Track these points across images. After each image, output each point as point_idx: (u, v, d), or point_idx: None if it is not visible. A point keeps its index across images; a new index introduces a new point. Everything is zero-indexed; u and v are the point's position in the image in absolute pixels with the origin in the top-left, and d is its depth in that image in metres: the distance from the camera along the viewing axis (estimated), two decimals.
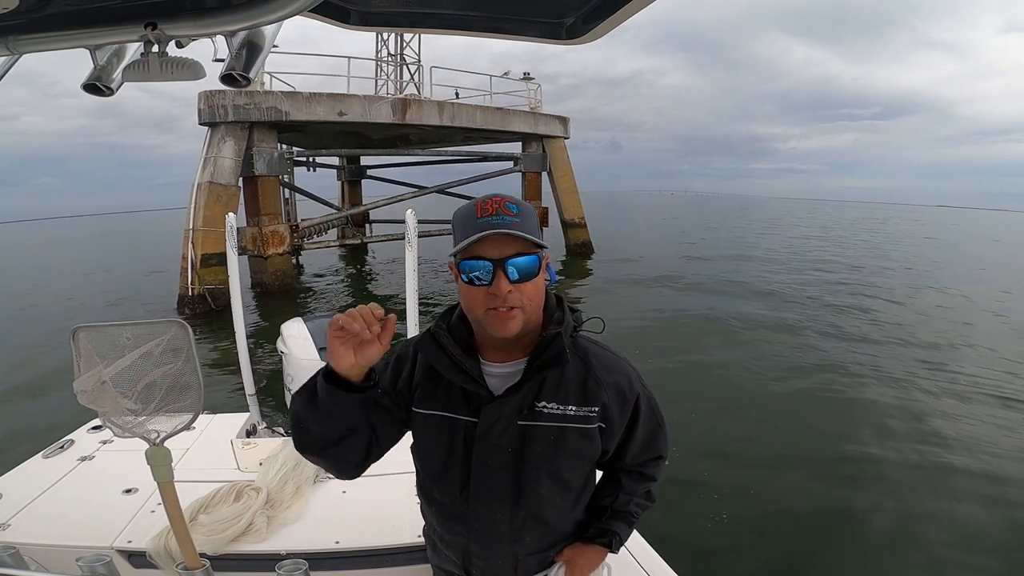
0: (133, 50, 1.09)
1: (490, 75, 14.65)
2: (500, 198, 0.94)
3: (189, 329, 1.30)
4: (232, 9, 0.88)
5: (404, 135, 14.49)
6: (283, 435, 2.54)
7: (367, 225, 18.32)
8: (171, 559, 1.54)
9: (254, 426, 2.60)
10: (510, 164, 15.56)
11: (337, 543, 1.68)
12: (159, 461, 1.30)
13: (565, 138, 15.88)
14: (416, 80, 15.05)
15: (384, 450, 1.07)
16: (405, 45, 15.29)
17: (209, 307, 9.82)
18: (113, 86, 1.07)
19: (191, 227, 10.05)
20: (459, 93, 14.08)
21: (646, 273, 14.24)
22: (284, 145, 13.89)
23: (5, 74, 1.10)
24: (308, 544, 1.67)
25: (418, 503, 1.18)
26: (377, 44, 15.41)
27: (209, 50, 1.05)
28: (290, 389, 2.58)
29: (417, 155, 16.74)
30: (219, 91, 9.97)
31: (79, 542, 1.64)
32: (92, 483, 2.04)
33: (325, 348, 2.58)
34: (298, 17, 0.89)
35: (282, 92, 10.92)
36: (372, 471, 1.08)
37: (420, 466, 1.10)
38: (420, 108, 12.42)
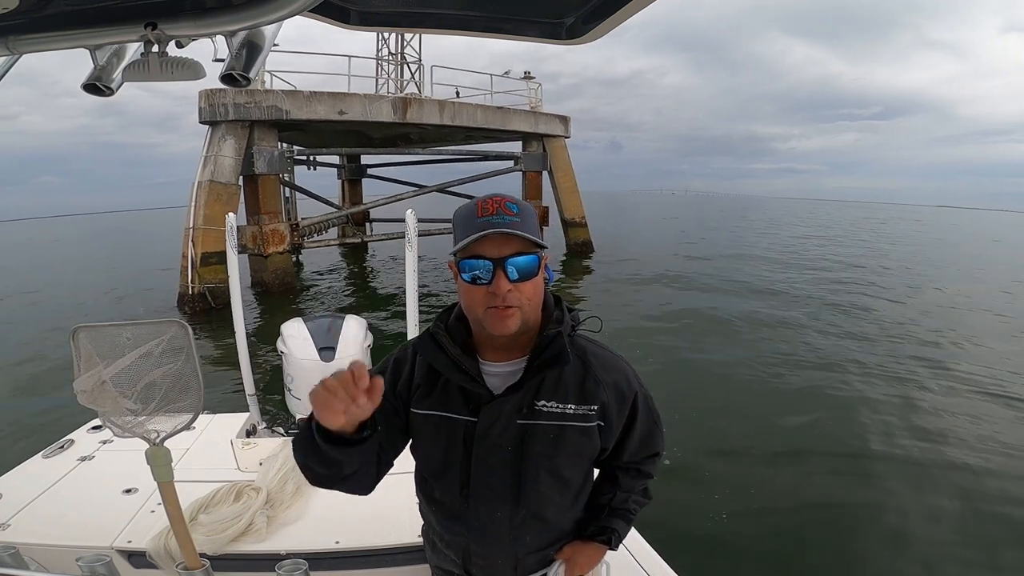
0: (133, 50, 1.08)
1: (491, 74, 14.68)
2: (500, 198, 0.94)
3: (189, 329, 1.30)
4: (232, 9, 0.88)
5: (404, 134, 14.48)
6: (283, 435, 2.54)
7: (367, 224, 18.35)
8: (171, 559, 1.54)
9: (254, 426, 2.59)
10: (511, 163, 15.55)
11: (337, 543, 1.68)
12: (159, 461, 1.30)
13: (566, 137, 15.88)
14: (417, 79, 15.04)
15: (392, 461, 1.06)
16: (406, 44, 15.29)
17: (209, 305, 9.83)
18: (113, 86, 1.07)
19: (191, 225, 10.07)
20: (460, 92, 14.09)
21: (646, 272, 14.23)
22: (284, 144, 13.90)
23: (5, 74, 1.10)
24: (308, 544, 1.67)
25: (417, 503, 1.18)
26: (378, 43, 15.42)
27: (209, 50, 1.05)
28: (290, 389, 2.57)
29: (417, 154, 16.72)
30: (220, 90, 9.97)
31: (79, 542, 1.64)
32: (92, 483, 2.04)
33: (325, 348, 2.57)
34: (298, 17, 0.89)
35: (283, 91, 10.91)
36: None
37: (420, 466, 1.10)
38: (421, 107, 12.41)
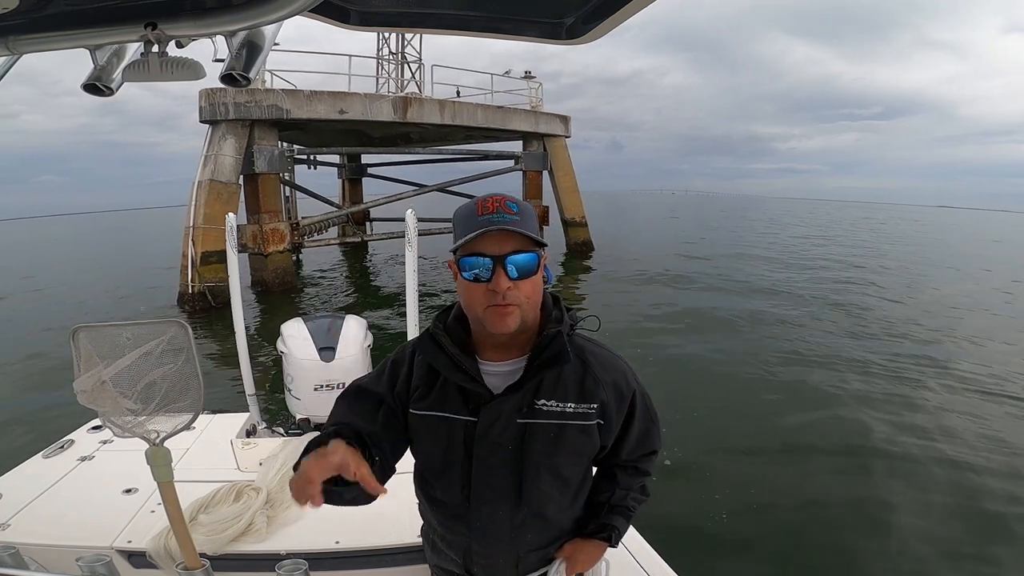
0: (133, 50, 1.08)
1: (491, 74, 14.68)
2: (501, 197, 0.94)
3: (189, 329, 1.30)
4: (232, 9, 0.88)
5: (405, 133, 14.48)
6: (283, 435, 2.54)
7: (367, 223, 18.35)
8: (171, 559, 1.54)
9: (254, 426, 2.59)
10: (511, 163, 15.55)
11: (337, 543, 1.67)
12: (159, 461, 1.30)
13: (566, 137, 15.87)
14: (417, 79, 15.05)
15: (395, 467, 1.06)
16: (406, 44, 15.28)
17: (209, 304, 9.85)
18: (113, 86, 1.07)
19: (191, 224, 10.08)
20: (460, 92, 14.08)
21: (646, 271, 14.23)
22: (285, 143, 13.89)
23: (5, 74, 1.10)
24: (308, 544, 1.67)
25: (417, 503, 1.18)
26: (378, 42, 15.41)
27: (209, 50, 1.05)
28: (290, 389, 2.57)
29: (418, 153, 16.73)
30: (220, 89, 9.97)
31: (79, 542, 1.64)
32: (92, 483, 2.04)
33: (325, 348, 2.57)
34: (298, 17, 0.89)
35: (283, 90, 10.91)
36: None
37: (420, 466, 1.10)
38: (421, 106, 12.41)
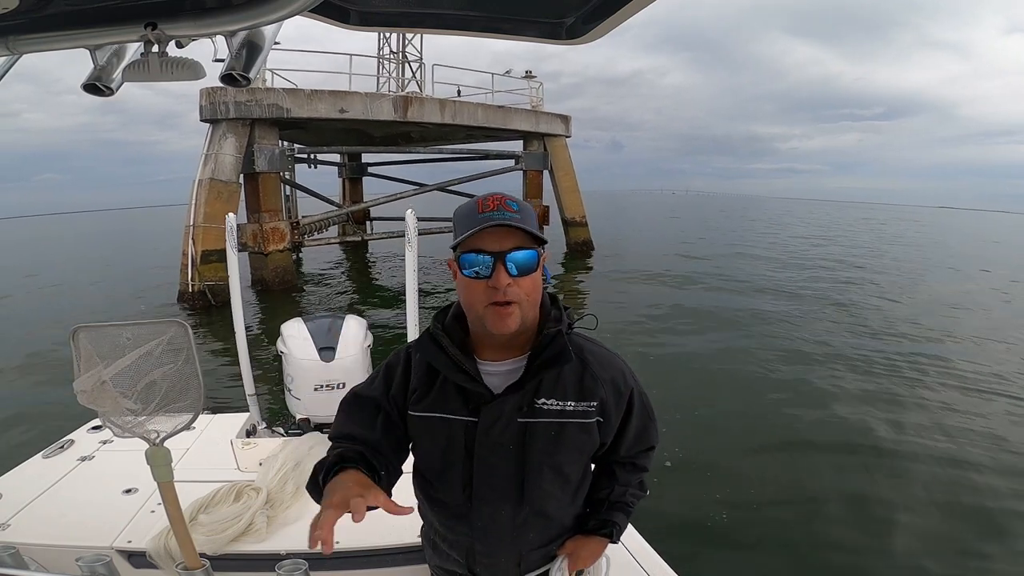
0: (133, 50, 1.08)
1: (492, 73, 14.66)
2: (501, 196, 0.95)
3: (189, 329, 1.30)
4: (232, 9, 0.88)
5: (405, 133, 14.47)
6: (283, 435, 2.54)
7: (368, 222, 18.35)
8: (171, 559, 1.54)
9: (254, 426, 2.59)
10: (511, 162, 15.54)
11: (337, 543, 1.67)
12: (159, 461, 1.30)
13: (567, 136, 15.86)
14: (418, 78, 15.03)
15: (401, 469, 1.07)
16: (407, 43, 15.26)
17: (209, 303, 9.85)
18: (113, 86, 1.07)
19: (192, 223, 10.08)
20: (461, 91, 14.07)
21: (646, 271, 14.23)
22: (285, 142, 13.88)
23: (5, 74, 1.10)
24: (308, 544, 1.67)
25: (417, 504, 1.17)
26: (379, 42, 15.38)
27: (209, 50, 1.05)
28: (290, 389, 2.57)
29: (418, 153, 16.71)
30: (221, 88, 9.97)
31: (79, 542, 1.64)
32: (92, 483, 2.04)
33: (325, 348, 2.57)
34: (298, 17, 0.89)
35: (283, 89, 10.91)
36: None
37: (420, 467, 1.10)
38: (421, 106, 12.40)
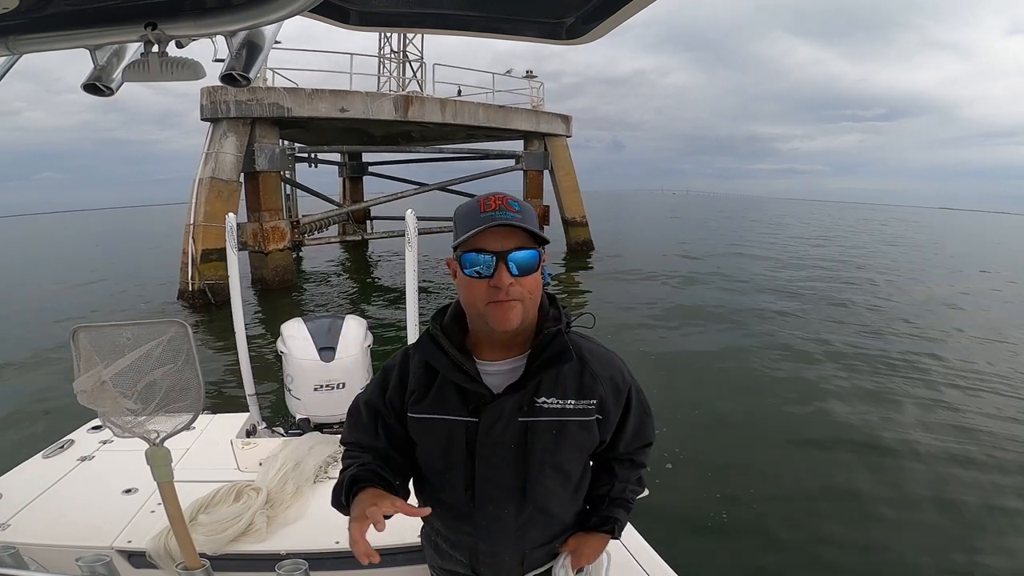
0: (133, 50, 1.08)
1: (493, 73, 14.62)
2: (503, 196, 0.95)
3: (189, 329, 1.30)
4: (232, 9, 0.88)
5: (406, 132, 14.46)
6: (283, 435, 2.54)
7: (368, 221, 18.34)
8: (171, 559, 1.54)
9: (254, 426, 2.60)
10: (512, 162, 15.52)
11: (337, 543, 1.67)
12: (159, 461, 1.30)
13: (567, 136, 15.85)
14: (419, 77, 15.01)
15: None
16: (408, 43, 15.25)
17: (209, 301, 9.85)
18: (113, 86, 1.07)
19: (192, 222, 10.09)
20: (461, 91, 14.06)
21: (646, 271, 14.23)
22: (286, 141, 13.88)
23: (5, 74, 1.09)
24: (308, 544, 1.67)
25: (418, 505, 1.17)
26: (380, 41, 15.37)
27: (209, 50, 1.05)
28: (290, 389, 2.58)
29: (419, 152, 16.71)
30: (221, 87, 9.97)
31: (79, 542, 1.64)
32: (92, 483, 2.04)
33: (325, 348, 2.57)
34: (298, 17, 0.88)
35: (284, 88, 10.90)
36: None
37: (422, 468, 1.10)
38: (422, 105, 12.40)
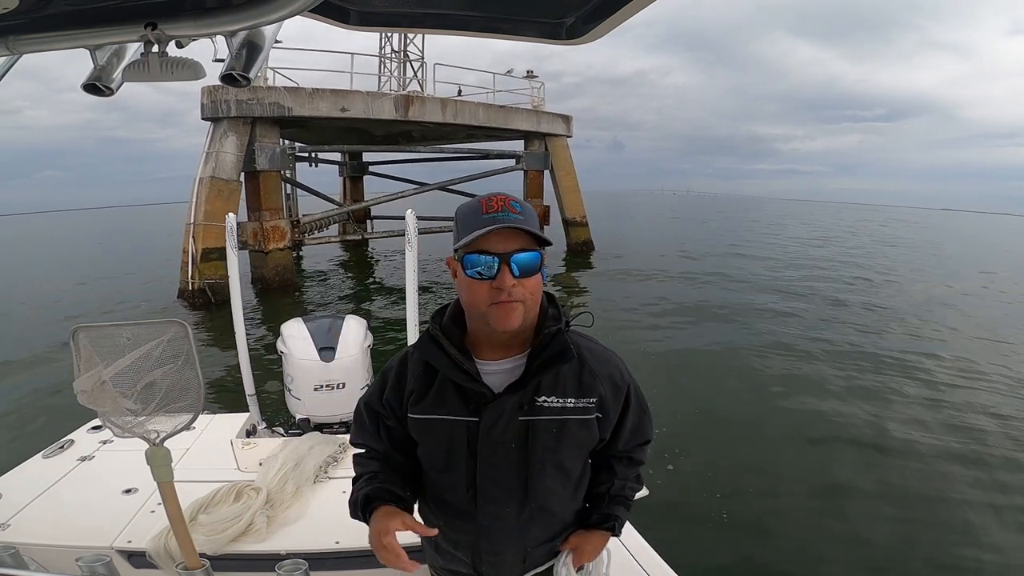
0: (133, 50, 1.08)
1: (493, 73, 14.59)
2: (505, 196, 0.95)
3: (189, 329, 1.30)
4: (232, 9, 0.88)
5: (406, 132, 14.45)
6: (283, 435, 2.54)
7: (368, 221, 18.34)
8: (171, 559, 1.54)
9: (254, 426, 2.60)
10: (512, 162, 15.50)
11: (337, 543, 1.67)
12: (159, 461, 1.30)
13: (568, 136, 15.82)
14: (419, 77, 15.01)
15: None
16: (409, 42, 15.23)
17: (209, 301, 9.85)
18: (113, 86, 1.06)
19: (192, 221, 10.08)
20: (462, 90, 14.04)
21: (646, 270, 14.23)
22: (286, 140, 13.87)
23: (5, 74, 1.09)
24: (308, 544, 1.67)
25: (418, 506, 1.17)
26: (381, 41, 15.34)
27: (209, 50, 1.05)
28: (290, 389, 2.58)
29: (419, 152, 16.70)
30: (222, 86, 9.95)
31: (79, 542, 1.64)
32: (92, 483, 2.04)
33: (325, 348, 2.58)
34: (298, 17, 0.88)
35: (285, 88, 10.90)
36: None
37: (424, 467, 1.11)
38: (423, 105, 12.39)
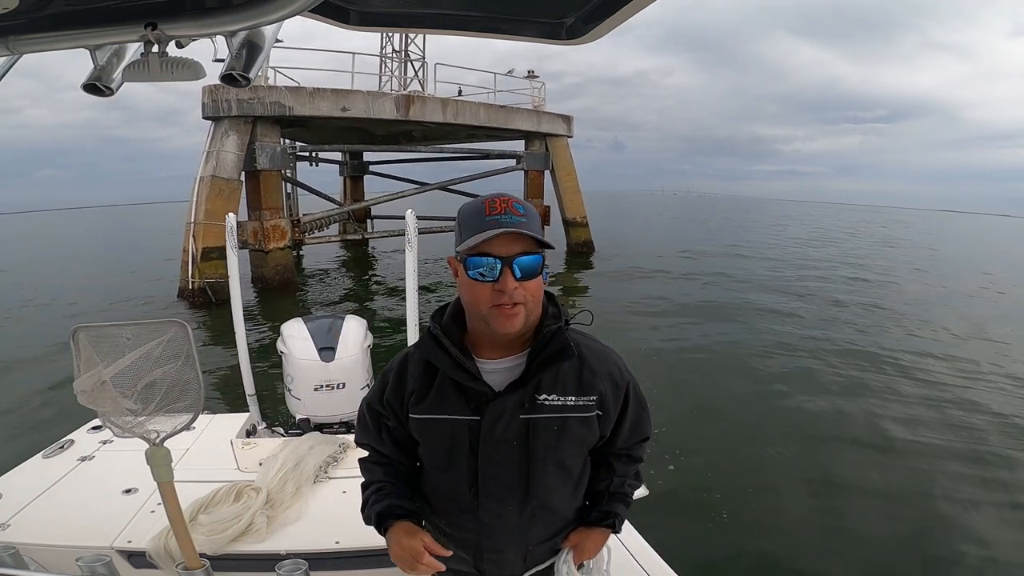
0: (133, 50, 1.08)
1: (494, 73, 14.60)
2: (508, 198, 0.95)
3: (189, 329, 1.30)
4: (232, 9, 0.88)
5: (407, 131, 14.45)
6: (283, 435, 2.54)
7: (368, 220, 18.34)
8: (171, 559, 1.54)
9: (254, 426, 2.60)
10: (513, 162, 15.50)
11: (337, 543, 1.67)
12: (159, 461, 1.30)
13: (568, 137, 15.81)
14: (420, 77, 15.00)
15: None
16: (410, 42, 15.22)
17: (209, 300, 9.85)
18: (113, 86, 1.06)
19: (193, 220, 10.09)
20: (463, 90, 14.03)
21: (646, 270, 14.24)
22: (287, 140, 13.87)
23: (5, 74, 1.09)
24: (308, 544, 1.67)
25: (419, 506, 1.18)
26: (382, 41, 15.34)
27: (209, 50, 1.05)
28: (290, 389, 2.58)
29: (420, 152, 16.70)
30: (223, 86, 9.95)
31: (79, 542, 1.64)
32: (92, 483, 2.03)
33: (325, 348, 2.58)
34: (298, 16, 0.88)
35: (286, 87, 10.90)
36: None
37: (425, 466, 1.11)
38: (423, 105, 12.39)
